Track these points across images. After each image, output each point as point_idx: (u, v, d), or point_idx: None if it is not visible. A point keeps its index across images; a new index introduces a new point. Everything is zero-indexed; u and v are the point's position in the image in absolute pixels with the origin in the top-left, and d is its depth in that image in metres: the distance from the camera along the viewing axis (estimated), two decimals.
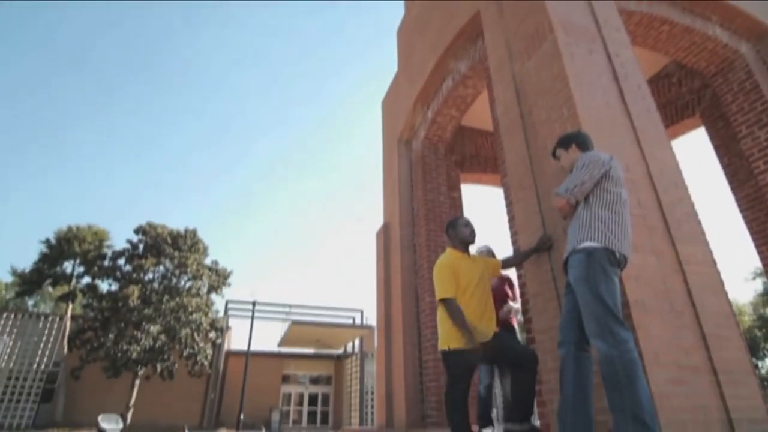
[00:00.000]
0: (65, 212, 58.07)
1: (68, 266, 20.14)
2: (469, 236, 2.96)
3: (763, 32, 4.81)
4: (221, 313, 22.38)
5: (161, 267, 19.73)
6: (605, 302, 2.03)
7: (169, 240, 20.14)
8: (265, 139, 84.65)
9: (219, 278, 21.39)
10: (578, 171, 2.32)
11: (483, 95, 5.62)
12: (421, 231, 5.92)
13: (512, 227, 3.59)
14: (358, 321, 23.78)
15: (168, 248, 19.81)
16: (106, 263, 19.96)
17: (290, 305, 23.35)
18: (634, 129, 3.09)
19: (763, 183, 4.48)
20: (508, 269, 3.36)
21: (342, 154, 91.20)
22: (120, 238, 44.11)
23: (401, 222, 6.26)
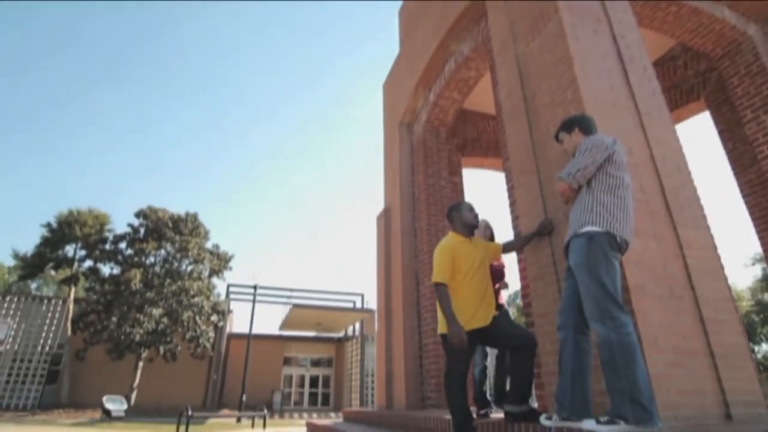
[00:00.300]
0: (63, 195, 58.06)
1: (70, 250, 20.23)
2: (473, 220, 2.95)
3: None
4: (223, 297, 22.56)
5: (162, 251, 19.82)
6: (605, 286, 2.04)
7: (170, 224, 20.18)
8: (267, 123, 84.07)
9: (220, 262, 21.51)
10: (581, 155, 2.29)
11: (485, 78, 5.55)
12: (422, 216, 5.92)
13: (513, 212, 3.58)
14: (359, 305, 23.98)
15: (169, 232, 19.85)
16: (108, 247, 20.04)
17: (291, 289, 23.54)
18: (639, 112, 3.05)
19: (767, 168, 4.45)
20: (509, 253, 3.36)
21: (344, 139, 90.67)
22: (119, 222, 44.26)
23: (402, 206, 6.24)
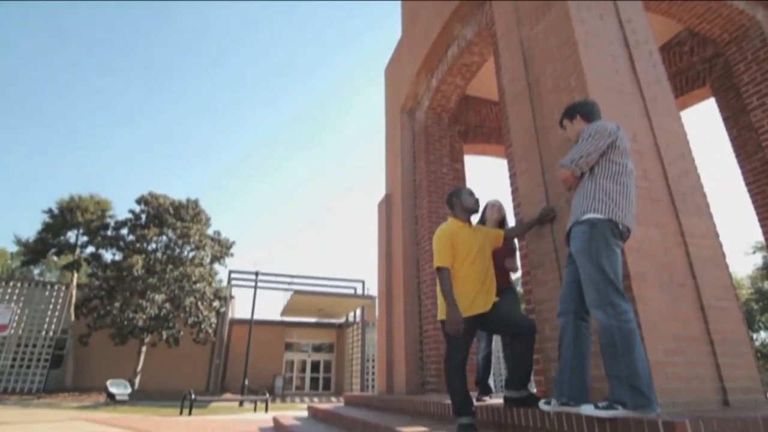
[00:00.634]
0: (62, 180, 58.06)
1: (72, 236, 20.30)
2: (474, 205, 2.95)
3: None
4: (224, 283, 22.70)
5: (164, 237, 19.87)
6: (606, 273, 2.04)
7: (171, 210, 20.19)
8: (267, 110, 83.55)
9: (222, 248, 21.58)
10: (583, 142, 2.27)
11: (489, 63, 5.48)
12: (423, 203, 5.91)
13: (515, 199, 3.57)
14: (360, 291, 24.13)
15: (170, 218, 19.88)
16: (109, 233, 20.09)
17: (292, 275, 23.65)
18: (644, 98, 3.01)
19: None
20: (510, 240, 3.37)
21: (346, 126, 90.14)
22: (120, 208, 44.34)
23: (403, 193, 6.23)
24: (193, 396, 11.14)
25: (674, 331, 2.37)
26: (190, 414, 10.45)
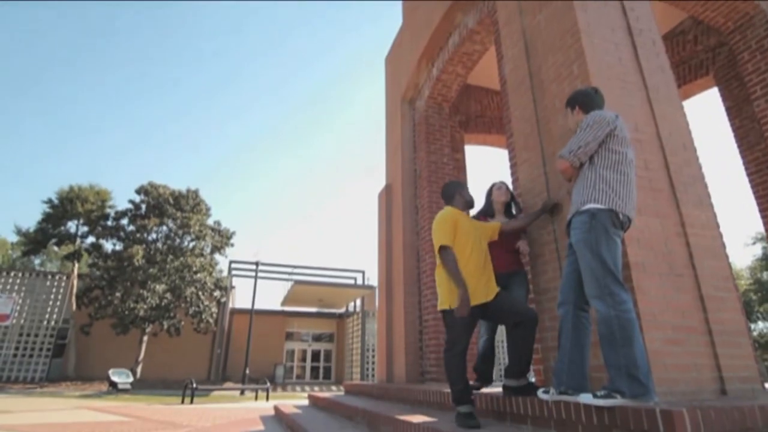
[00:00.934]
0: (60, 170, 57.94)
1: (72, 226, 20.28)
2: (472, 200, 3.04)
3: None
4: (225, 273, 22.78)
5: (164, 227, 19.89)
6: (606, 264, 2.03)
7: (171, 200, 20.19)
8: (268, 100, 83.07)
9: (222, 239, 21.62)
10: (582, 131, 2.26)
11: (490, 52, 5.43)
12: (424, 193, 5.89)
13: (516, 189, 3.55)
14: (360, 282, 24.23)
15: (170, 208, 19.88)
16: (109, 223, 20.11)
17: (293, 266, 23.76)
18: (646, 87, 2.99)
19: None
20: (510, 234, 3.20)
21: (346, 115, 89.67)
22: (120, 198, 44.29)
23: (404, 183, 6.21)
24: (195, 385, 11.24)
25: (673, 321, 2.37)
26: (192, 402, 10.55)
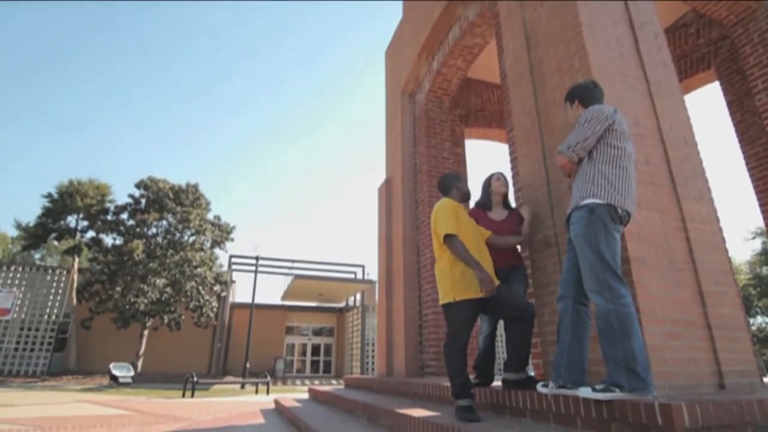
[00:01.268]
0: (59, 165, 57.85)
1: (72, 220, 20.28)
2: (469, 193, 3.03)
3: None
4: (225, 268, 22.80)
5: (164, 222, 19.90)
6: (605, 258, 2.04)
7: (171, 195, 20.17)
8: (268, 93, 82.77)
9: (222, 233, 21.63)
10: (581, 126, 2.25)
11: (491, 45, 5.39)
12: (424, 187, 5.88)
13: (516, 183, 3.55)
14: (360, 276, 24.27)
15: (170, 203, 19.87)
16: (109, 217, 20.10)
17: (293, 260, 23.77)
18: (648, 81, 2.97)
19: None
20: (511, 227, 3.18)
21: (347, 110, 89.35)
22: (120, 193, 44.23)
23: (404, 177, 6.20)
24: (195, 379, 11.30)
25: (672, 316, 2.38)
26: (193, 396, 10.61)
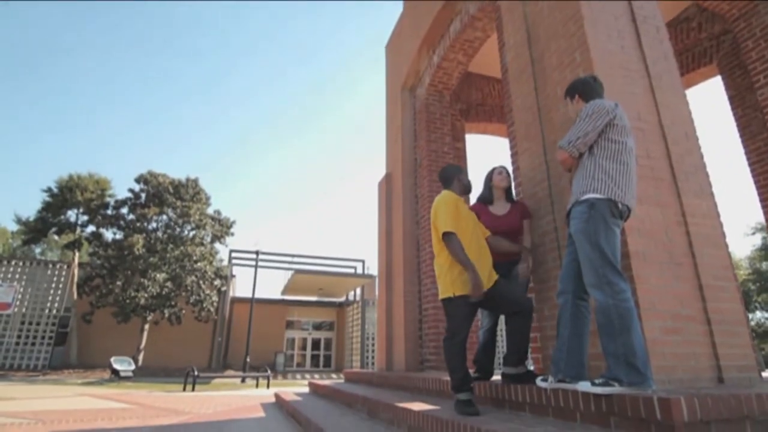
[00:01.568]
0: (58, 159, 57.75)
1: (72, 215, 20.26)
2: (470, 185, 2.99)
3: None
4: (225, 262, 22.84)
5: (164, 216, 19.89)
6: (604, 253, 2.03)
7: (171, 189, 20.15)
8: (268, 90, 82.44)
9: (222, 228, 21.64)
10: (581, 121, 2.24)
11: (491, 39, 5.37)
12: (424, 182, 5.87)
13: (516, 178, 3.54)
14: (360, 271, 24.31)
15: (170, 198, 19.85)
16: (109, 212, 20.09)
17: (293, 255, 23.81)
18: (649, 76, 2.95)
19: None
20: (511, 226, 3.17)
21: (346, 105, 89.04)
22: (119, 187, 44.18)
23: (404, 172, 6.19)
24: (196, 373, 11.34)
25: (672, 310, 2.38)
26: (193, 390, 10.66)
